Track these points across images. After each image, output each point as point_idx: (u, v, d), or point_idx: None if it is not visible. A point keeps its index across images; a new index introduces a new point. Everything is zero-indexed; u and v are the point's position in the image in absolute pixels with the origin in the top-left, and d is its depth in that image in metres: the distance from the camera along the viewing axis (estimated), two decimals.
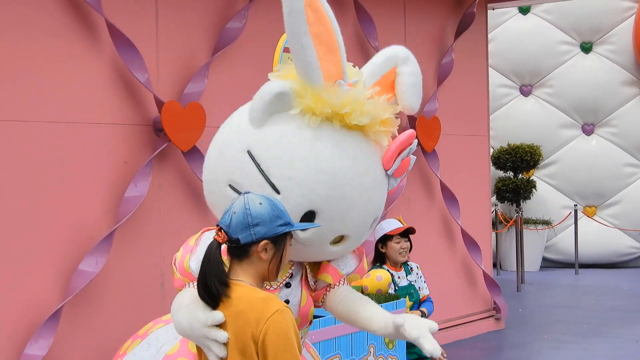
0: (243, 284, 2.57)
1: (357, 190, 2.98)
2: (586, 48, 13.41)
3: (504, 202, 12.99)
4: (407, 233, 5.42)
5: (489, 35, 10.52)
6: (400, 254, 5.36)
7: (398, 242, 5.36)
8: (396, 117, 3.11)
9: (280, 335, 2.44)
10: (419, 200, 7.49)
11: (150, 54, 5.18)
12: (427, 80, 7.58)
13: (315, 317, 4.63)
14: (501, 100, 13.42)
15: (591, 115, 13.22)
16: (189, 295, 2.77)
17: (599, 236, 12.93)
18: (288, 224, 2.60)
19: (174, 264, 3.05)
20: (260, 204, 2.57)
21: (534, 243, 12.61)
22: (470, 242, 7.87)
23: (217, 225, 2.57)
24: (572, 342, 7.78)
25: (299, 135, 2.92)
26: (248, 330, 2.46)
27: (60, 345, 4.68)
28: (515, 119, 13.38)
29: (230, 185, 2.96)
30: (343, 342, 4.44)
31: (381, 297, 4.83)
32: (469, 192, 8.03)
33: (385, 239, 5.40)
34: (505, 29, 13.53)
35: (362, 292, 4.90)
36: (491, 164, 12.25)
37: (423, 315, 5.17)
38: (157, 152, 5.08)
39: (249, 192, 2.63)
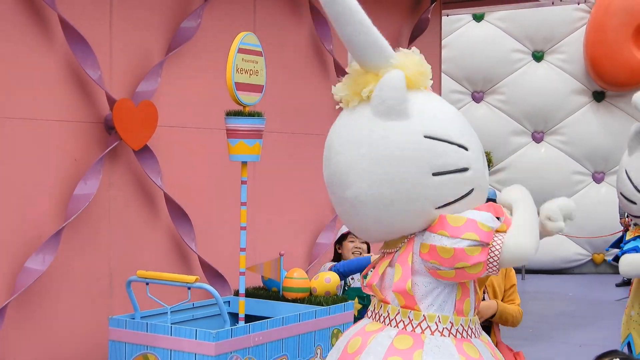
0: None
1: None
2: (538, 57, 13.60)
3: None
4: None
5: (443, 42, 10.62)
6: (353, 253, 5.33)
7: (352, 241, 5.33)
8: None
9: None
10: None
11: (104, 51, 5.14)
12: None
13: (260, 317, 4.65)
14: (453, 105, 13.55)
15: (541, 123, 13.41)
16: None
17: (546, 242, 12.93)
18: None
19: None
20: None
21: None
22: None
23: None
24: (518, 346, 7.85)
25: (431, 95, 3.19)
26: None
27: (5, 344, 4.62)
28: None
29: (434, 174, 3.00)
30: (290, 343, 4.46)
31: (329, 299, 4.85)
32: None
33: (341, 238, 5.38)
34: (459, 35, 13.67)
35: (310, 294, 4.92)
36: None
37: None
38: (108, 150, 5.05)
39: None
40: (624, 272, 4.98)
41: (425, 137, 2.98)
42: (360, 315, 5.42)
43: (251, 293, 5.01)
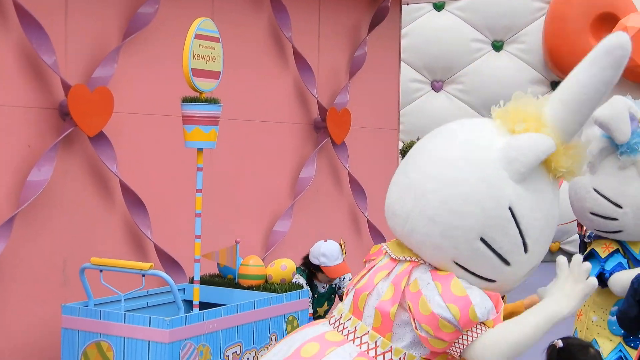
0: None
1: None
2: (497, 46, 13.69)
3: None
4: None
5: (403, 31, 10.65)
6: (329, 281, 5.56)
7: (330, 279, 5.54)
8: None
9: None
10: (327, 191, 7.54)
11: (59, 36, 5.09)
12: (339, 72, 7.63)
13: (215, 305, 4.64)
14: (413, 95, 13.60)
15: None
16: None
17: None
18: None
19: (449, 322, 2.79)
20: None
21: None
22: (377, 234, 7.97)
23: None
24: None
25: (549, 194, 2.92)
26: None
27: None
28: (426, 114, 13.57)
29: (482, 239, 2.85)
30: (245, 331, 4.46)
31: (285, 287, 4.86)
32: (376, 184, 8.10)
33: (318, 267, 5.50)
34: (419, 24, 13.71)
35: (266, 282, 4.92)
36: (400, 158, 12.40)
37: None
38: (62, 136, 5.00)
39: None
40: (618, 293, 4.69)
41: (510, 209, 2.84)
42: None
43: (207, 280, 5.01)
